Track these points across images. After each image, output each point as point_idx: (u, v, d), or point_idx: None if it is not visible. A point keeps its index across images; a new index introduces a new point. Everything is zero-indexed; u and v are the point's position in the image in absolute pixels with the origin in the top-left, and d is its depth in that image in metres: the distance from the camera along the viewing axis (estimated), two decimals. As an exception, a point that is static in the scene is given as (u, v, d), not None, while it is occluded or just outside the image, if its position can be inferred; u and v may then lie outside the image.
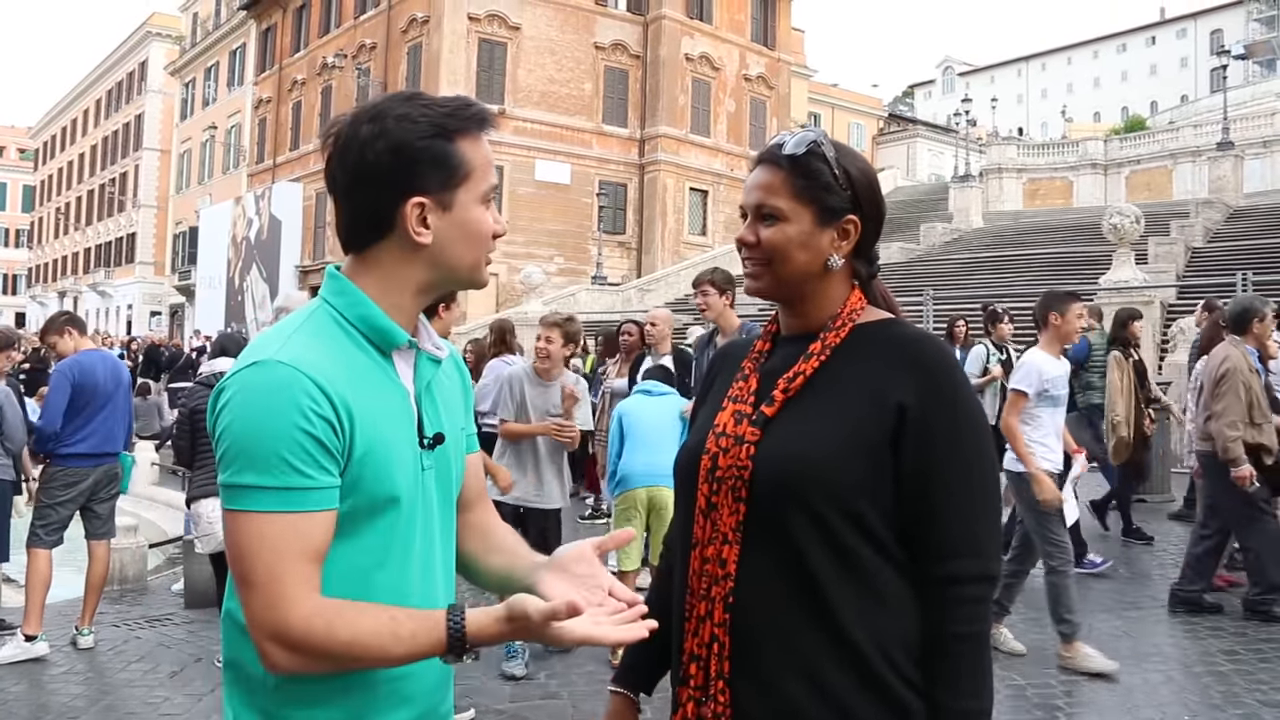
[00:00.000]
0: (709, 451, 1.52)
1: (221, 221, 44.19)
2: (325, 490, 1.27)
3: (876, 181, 1.59)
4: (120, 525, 7.53)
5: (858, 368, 1.47)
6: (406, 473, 1.37)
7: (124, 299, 59.39)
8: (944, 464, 1.41)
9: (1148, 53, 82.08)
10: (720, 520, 1.46)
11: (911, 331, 1.52)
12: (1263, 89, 55.32)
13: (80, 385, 5.70)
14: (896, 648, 1.40)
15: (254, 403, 1.26)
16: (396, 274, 1.41)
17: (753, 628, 1.42)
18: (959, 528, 1.42)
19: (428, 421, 1.44)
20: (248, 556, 1.25)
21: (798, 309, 1.58)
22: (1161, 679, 5.04)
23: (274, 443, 1.24)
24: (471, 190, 1.41)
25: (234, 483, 1.26)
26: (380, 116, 1.38)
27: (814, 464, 1.40)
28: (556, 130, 34.63)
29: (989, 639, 1.46)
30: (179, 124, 55.57)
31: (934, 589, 1.41)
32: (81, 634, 5.77)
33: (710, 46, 37.77)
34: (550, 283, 25.98)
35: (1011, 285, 22.27)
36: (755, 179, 1.57)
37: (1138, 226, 16.62)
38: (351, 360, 1.36)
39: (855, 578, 1.40)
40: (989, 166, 46.15)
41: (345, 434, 1.29)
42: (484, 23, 33.47)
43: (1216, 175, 33.64)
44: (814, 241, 1.52)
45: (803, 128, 1.69)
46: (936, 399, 1.42)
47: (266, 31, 45.38)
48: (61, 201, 72.23)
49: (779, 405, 1.47)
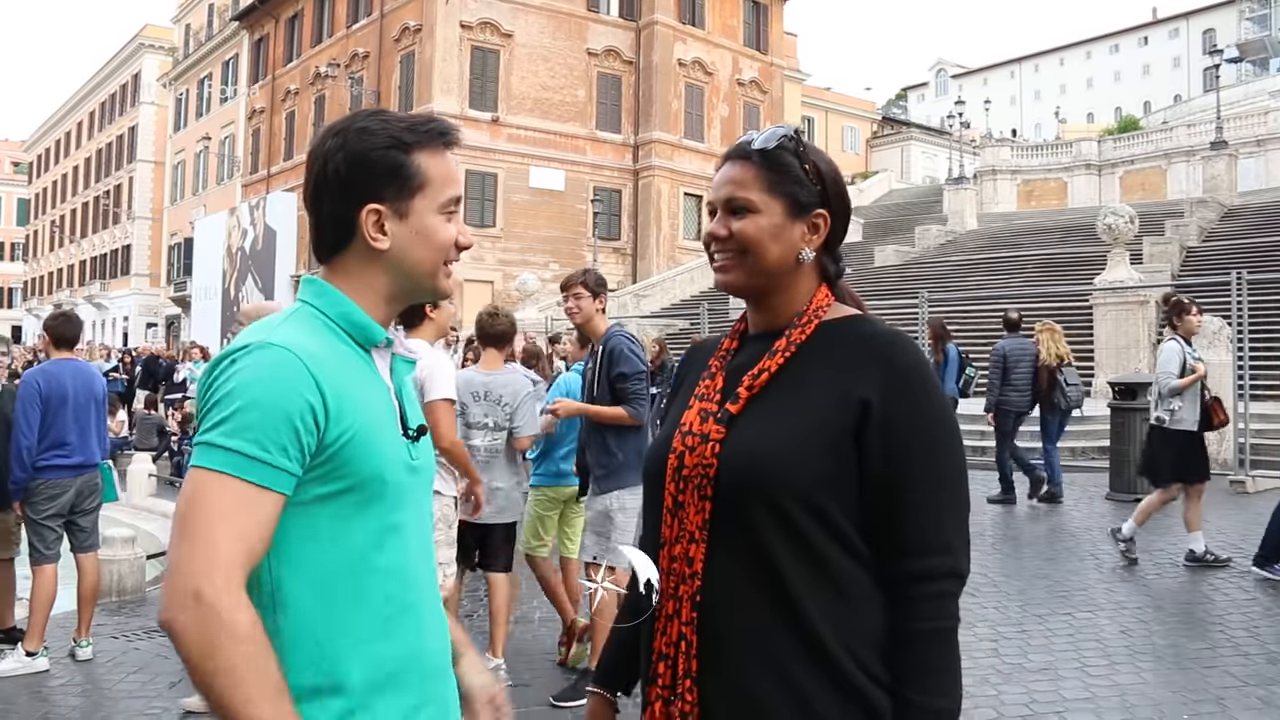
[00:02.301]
0: (675, 450, 1.52)
1: (216, 232, 44.18)
2: (279, 471, 1.30)
3: (842, 179, 1.61)
4: (118, 537, 7.53)
5: (823, 364, 1.48)
6: (394, 459, 1.42)
7: (119, 311, 59.34)
8: (909, 460, 1.41)
9: (1140, 53, 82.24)
10: (687, 519, 1.47)
11: (877, 328, 1.52)
12: (1256, 88, 55.41)
13: (48, 395, 5.63)
14: (864, 645, 1.39)
15: (247, 375, 1.31)
16: (363, 280, 1.48)
17: (720, 626, 1.42)
18: (926, 524, 1.41)
19: (410, 415, 1.51)
20: (196, 511, 1.27)
21: (765, 306, 1.58)
22: (1160, 677, 5.05)
23: (252, 414, 1.29)
24: (428, 199, 1.47)
25: (204, 440, 1.30)
26: (344, 131, 1.46)
27: (777, 460, 1.41)
28: (550, 137, 34.68)
29: (956, 635, 1.44)
30: (173, 135, 55.57)
31: (901, 586, 1.41)
32: (80, 645, 5.76)
33: (703, 51, 37.85)
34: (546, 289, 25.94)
35: (1007, 286, 22.30)
36: (725, 174, 1.57)
37: (1132, 226, 16.66)
38: (336, 349, 1.42)
39: (821, 575, 1.40)
40: (983, 168, 46.25)
41: (328, 417, 1.33)
42: (476, 30, 33.52)
43: (1210, 175, 33.75)
44: (786, 234, 1.53)
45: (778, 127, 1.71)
46: (901, 394, 1.42)
47: (259, 42, 45.40)
48: (56, 214, 72.21)
49: (743, 402, 1.48)
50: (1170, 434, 7.36)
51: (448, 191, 1.49)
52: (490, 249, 33.05)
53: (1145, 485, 10.23)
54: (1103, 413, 12.27)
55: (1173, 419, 7.34)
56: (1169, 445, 7.37)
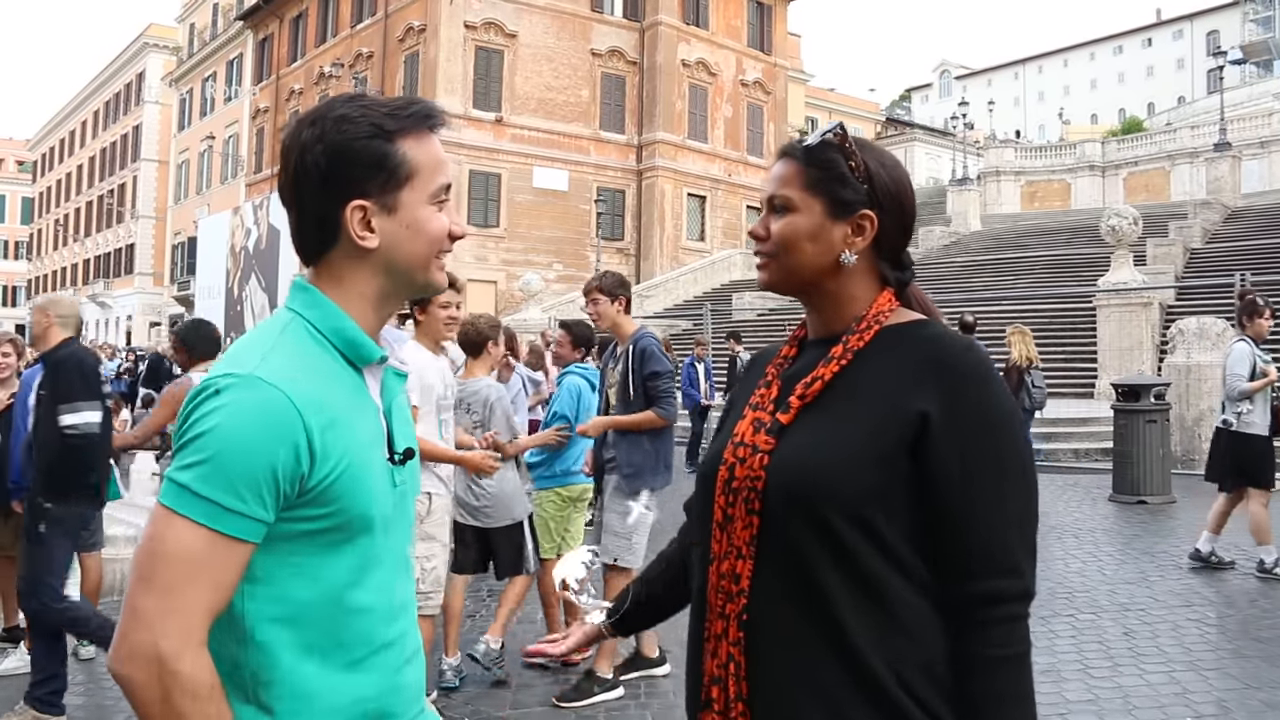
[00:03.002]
0: (726, 462, 1.45)
1: (220, 231, 44.06)
2: (251, 521, 1.22)
3: (903, 181, 1.51)
4: (121, 536, 7.54)
5: (880, 371, 1.39)
6: (380, 492, 1.34)
7: (123, 310, 59.43)
8: (973, 475, 1.32)
9: (1144, 54, 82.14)
10: (735, 534, 1.40)
11: (939, 333, 1.43)
12: (1260, 89, 55.34)
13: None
14: (915, 672, 1.31)
15: (231, 419, 1.22)
16: (352, 283, 1.38)
17: (767, 647, 1.35)
18: (993, 543, 1.32)
19: (397, 437, 1.42)
20: (156, 553, 1.21)
21: (819, 310, 1.52)
22: (1163, 679, 5.04)
23: (231, 463, 1.21)
24: (417, 190, 1.37)
25: (177, 480, 1.22)
26: (320, 119, 1.36)
27: (824, 471, 1.33)
28: (554, 137, 34.68)
29: (1030, 662, 1.34)
30: (177, 134, 55.65)
31: (968, 610, 1.32)
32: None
33: (707, 52, 37.84)
34: (549, 290, 25.99)
35: (1011, 288, 22.30)
36: (772, 171, 1.52)
37: (1136, 228, 16.65)
38: (330, 377, 1.33)
39: (871, 596, 1.32)
40: (986, 169, 46.22)
41: (314, 461, 1.25)
42: (480, 31, 33.53)
43: (1214, 176, 33.70)
44: (824, 234, 1.46)
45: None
46: (962, 404, 1.34)
47: (263, 41, 45.46)
48: (60, 213, 72.32)
49: (794, 413, 1.41)
50: (1239, 437, 7.22)
51: (437, 180, 1.39)
52: (494, 249, 33.06)
53: (1148, 487, 10.27)
54: (1106, 414, 12.25)
55: (1240, 421, 7.22)
56: (1237, 448, 7.24)
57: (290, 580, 1.28)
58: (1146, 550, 8.08)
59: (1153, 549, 8.09)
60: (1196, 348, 13.14)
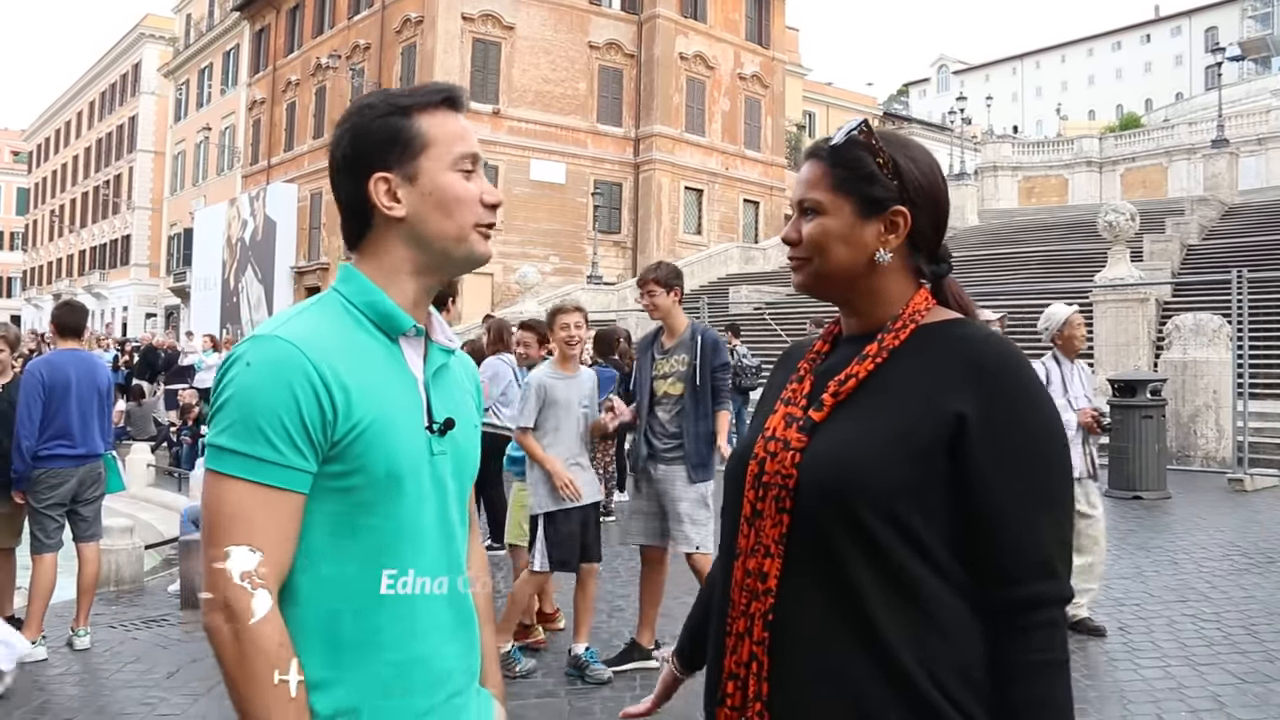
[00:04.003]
0: (756, 456, 1.43)
1: (216, 223, 44.12)
2: (292, 470, 1.29)
3: (934, 173, 1.48)
4: (116, 526, 7.53)
5: (915, 370, 1.37)
6: (410, 454, 1.38)
7: (119, 301, 59.31)
8: (1011, 478, 1.30)
9: (1142, 50, 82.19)
10: (764, 530, 1.37)
11: (975, 332, 1.41)
12: (1257, 86, 55.37)
13: (51, 385, 5.64)
14: (950, 674, 1.28)
15: (249, 374, 1.30)
16: (390, 258, 1.45)
17: (793, 648, 1.33)
18: (1030, 548, 1.31)
19: (437, 407, 1.44)
20: (212, 513, 1.29)
21: (854, 308, 1.50)
22: (1158, 674, 5.05)
23: (257, 415, 1.28)
24: (436, 158, 1.42)
25: (214, 443, 1.30)
26: (350, 114, 1.46)
27: (856, 466, 1.32)
28: (551, 130, 34.62)
29: (1069, 669, 1.33)
30: (173, 125, 55.48)
31: (1008, 615, 1.30)
32: (77, 635, 5.76)
33: (704, 45, 37.78)
34: (546, 282, 25.96)
35: (1007, 283, 22.31)
36: (801, 174, 1.50)
37: (1133, 224, 16.64)
38: (354, 340, 1.38)
39: (906, 599, 1.30)
40: (984, 164, 46.24)
41: (336, 411, 1.30)
42: (478, 22, 33.45)
43: (1211, 173, 33.75)
44: (856, 235, 1.43)
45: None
46: (999, 405, 1.32)
47: (260, 32, 45.31)
48: (56, 204, 72.11)
49: (828, 409, 1.39)
50: None
51: (457, 148, 1.44)
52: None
53: (1144, 483, 10.29)
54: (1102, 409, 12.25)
55: None
56: None
57: (321, 541, 1.33)
58: (1142, 545, 8.10)
59: (1148, 544, 8.11)
60: (1193, 344, 13.17)
